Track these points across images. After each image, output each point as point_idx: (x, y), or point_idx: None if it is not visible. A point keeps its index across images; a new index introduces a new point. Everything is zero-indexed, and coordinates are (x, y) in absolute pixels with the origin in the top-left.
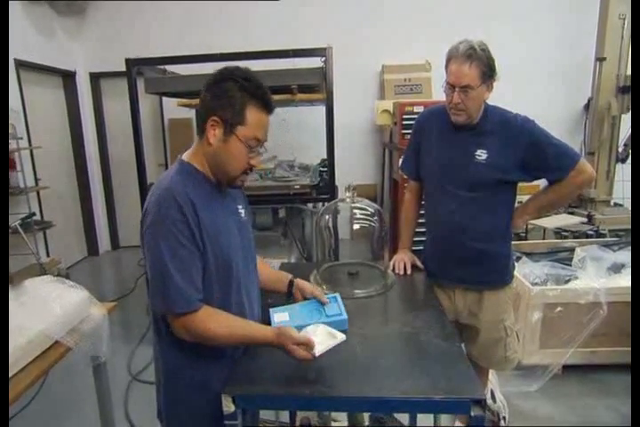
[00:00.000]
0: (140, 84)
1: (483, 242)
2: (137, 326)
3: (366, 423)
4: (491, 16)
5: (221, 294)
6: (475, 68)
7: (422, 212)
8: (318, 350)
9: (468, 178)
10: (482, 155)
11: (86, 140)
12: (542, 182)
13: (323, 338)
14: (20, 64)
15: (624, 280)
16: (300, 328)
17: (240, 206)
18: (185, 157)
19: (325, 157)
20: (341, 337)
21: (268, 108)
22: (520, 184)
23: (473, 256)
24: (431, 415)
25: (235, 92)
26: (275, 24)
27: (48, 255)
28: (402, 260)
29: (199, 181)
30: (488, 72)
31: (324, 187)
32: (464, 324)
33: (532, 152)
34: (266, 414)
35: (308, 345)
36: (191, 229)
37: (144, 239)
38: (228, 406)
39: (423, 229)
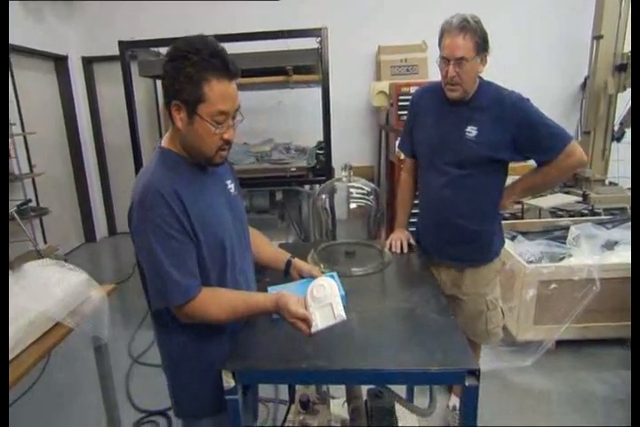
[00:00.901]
0: (134, 68)
1: (469, 220)
2: (135, 311)
3: (364, 398)
4: None
5: (217, 275)
6: (469, 39)
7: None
8: (316, 326)
9: (458, 155)
10: (472, 131)
11: (80, 126)
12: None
13: (323, 314)
14: (11, 48)
15: (617, 257)
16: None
17: (228, 181)
18: (164, 142)
19: (322, 139)
20: (341, 317)
21: (228, 73)
22: (512, 165)
23: (458, 233)
24: (427, 396)
25: (187, 68)
26: (271, 5)
27: (45, 242)
28: (398, 238)
29: (181, 167)
30: (482, 44)
31: (321, 169)
32: (449, 295)
33: (522, 131)
34: (266, 393)
35: (306, 321)
36: (180, 221)
37: (133, 236)
38: (228, 381)
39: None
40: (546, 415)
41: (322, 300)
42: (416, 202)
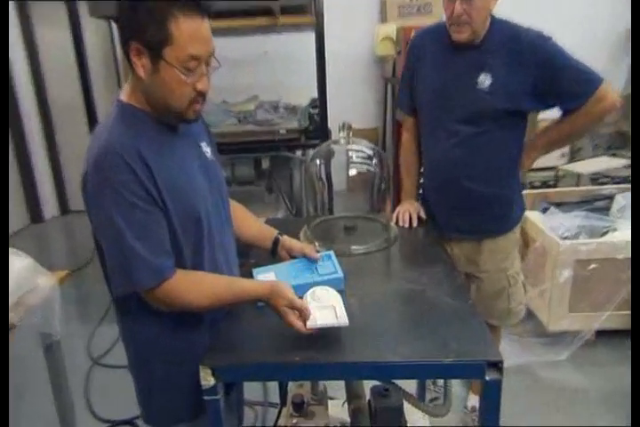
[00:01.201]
0: (84, 7)
1: (483, 184)
2: (96, 303)
3: (368, 398)
4: None
5: (192, 252)
6: None
7: None
8: (314, 320)
9: (469, 109)
10: (485, 80)
11: (17, 81)
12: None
13: (323, 314)
14: None
15: None
16: (297, 288)
17: (203, 143)
18: (124, 95)
19: (316, 95)
20: (344, 321)
21: (198, 8)
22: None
23: (471, 201)
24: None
25: (148, 3)
26: None
27: None
28: (406, 211)
29: (146, 124)
30: None
31: (315, 131)
32: (464, 274)
33: (544, 75)
34: (253, 395)
35: (303, 313)
36: (145, 187)
37: (89, 208)
38: (207, 379)
39: None
40: (580, 416)
41: (324, 300)
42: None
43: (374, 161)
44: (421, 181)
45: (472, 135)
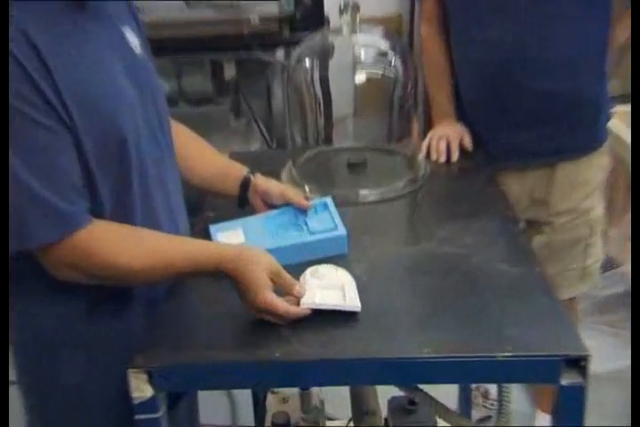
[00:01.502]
0: None
1: (557, 79)
2: None
3: (384, 414)
4: None
5: (115, 198)
6: None
7: None
8: (312, 298)
9: None
10: None
11: None
12: None
13: (328, 293)
14: None
15: None
16: (276, 252)
17: (128, 31)
18: None
19: None
20: (355, 305)
21: None
22: None
23: (538, 106)
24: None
25: None
26: None
27: None
28: (443, 137)
29: None
30: None
31: (305, 20)
32: (525, 221)
33: None
34: (214, 415)
35: (294, 289)
36: (42, 93)
37: None
38: (141, 388)
39: None
40: None
41: (330, 278)
42: None
43: (394, 61)
44: None
45: (532, 9)
